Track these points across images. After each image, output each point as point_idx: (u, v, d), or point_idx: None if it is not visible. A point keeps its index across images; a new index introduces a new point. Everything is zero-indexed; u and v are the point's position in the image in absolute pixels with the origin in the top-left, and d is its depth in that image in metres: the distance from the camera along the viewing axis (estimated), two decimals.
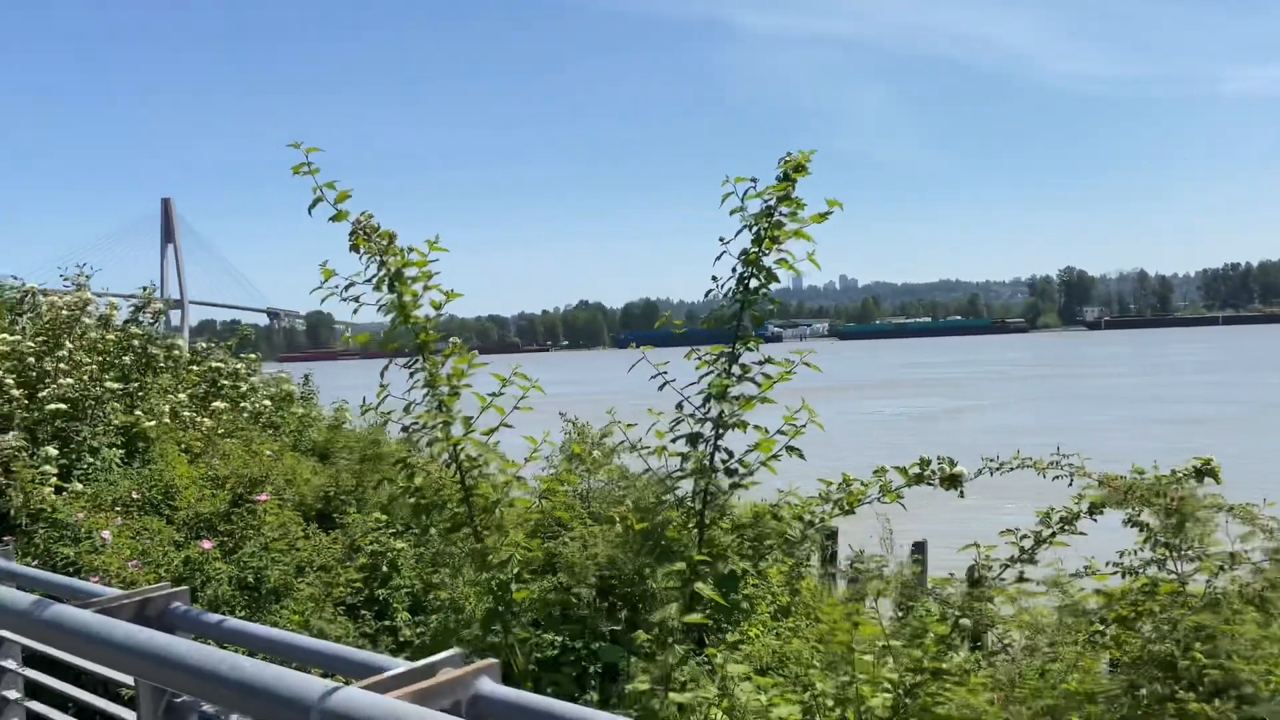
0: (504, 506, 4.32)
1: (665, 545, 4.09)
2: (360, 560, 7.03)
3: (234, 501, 7.93)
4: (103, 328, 12.02)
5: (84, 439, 10.76)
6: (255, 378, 14.04)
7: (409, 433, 4.53)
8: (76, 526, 7.17)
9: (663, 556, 4.01)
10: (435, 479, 4.47)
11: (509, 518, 4.39)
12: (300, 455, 11.79)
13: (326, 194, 4.60)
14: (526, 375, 4.64)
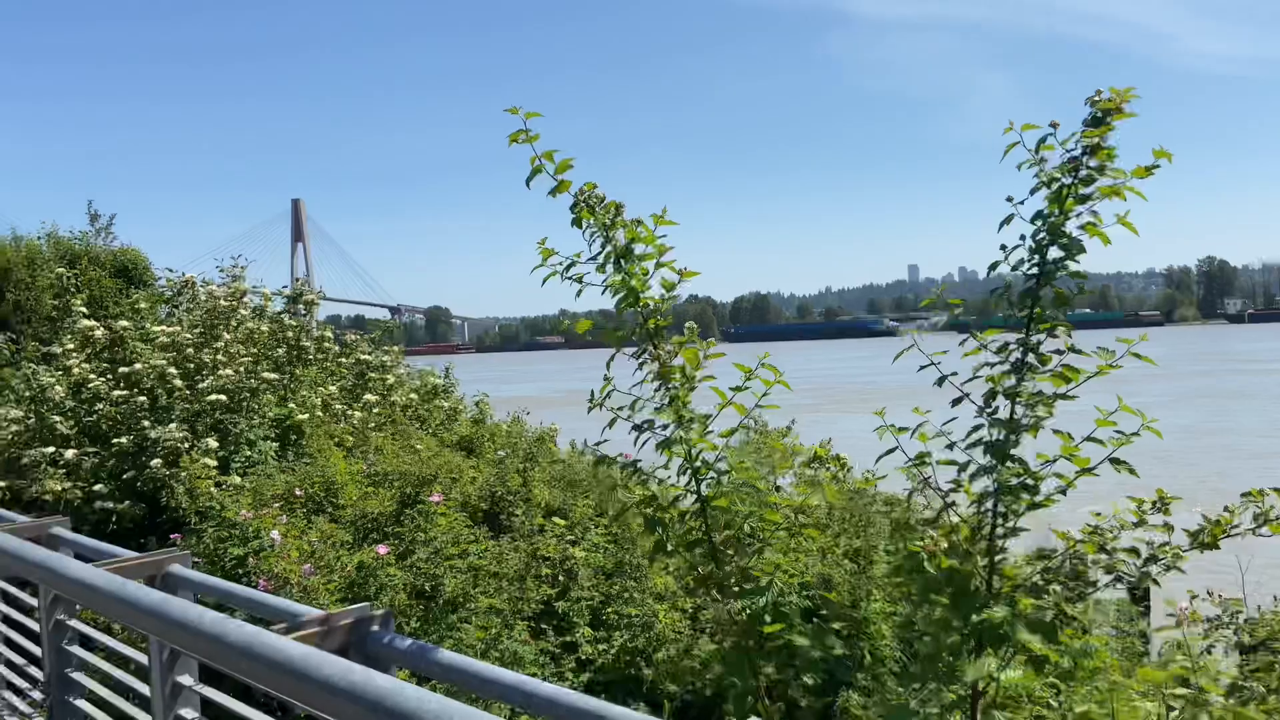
0: (753, 522, 3.60)
1: (959, 584, 3.30)
2: (544, 570, 6.47)
3: (403, 502, 7.50)
4: (258, 319, 11.98)
5: (240, 431, 10.66)
6: (402, 370, 13.87)
7: (639, 433, 3.84)
8: (244, 525, 6.86)
9: (961, 599, 3.22)
10: (669, 488, 3.77)
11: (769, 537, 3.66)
12: (449, 451, 11.45)
13: (546, 164, 3.97)
14: (774, 367, 3.88)
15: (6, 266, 18.26)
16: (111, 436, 10.52)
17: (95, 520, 9.87)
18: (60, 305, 15.78)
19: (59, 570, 4.73)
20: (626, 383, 3.96)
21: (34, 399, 11.06)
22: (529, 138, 3.88)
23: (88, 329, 11.26)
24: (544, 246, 4.03)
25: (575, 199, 3.92)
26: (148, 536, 10.41)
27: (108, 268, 17.94)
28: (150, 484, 9.85)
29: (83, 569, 4.62)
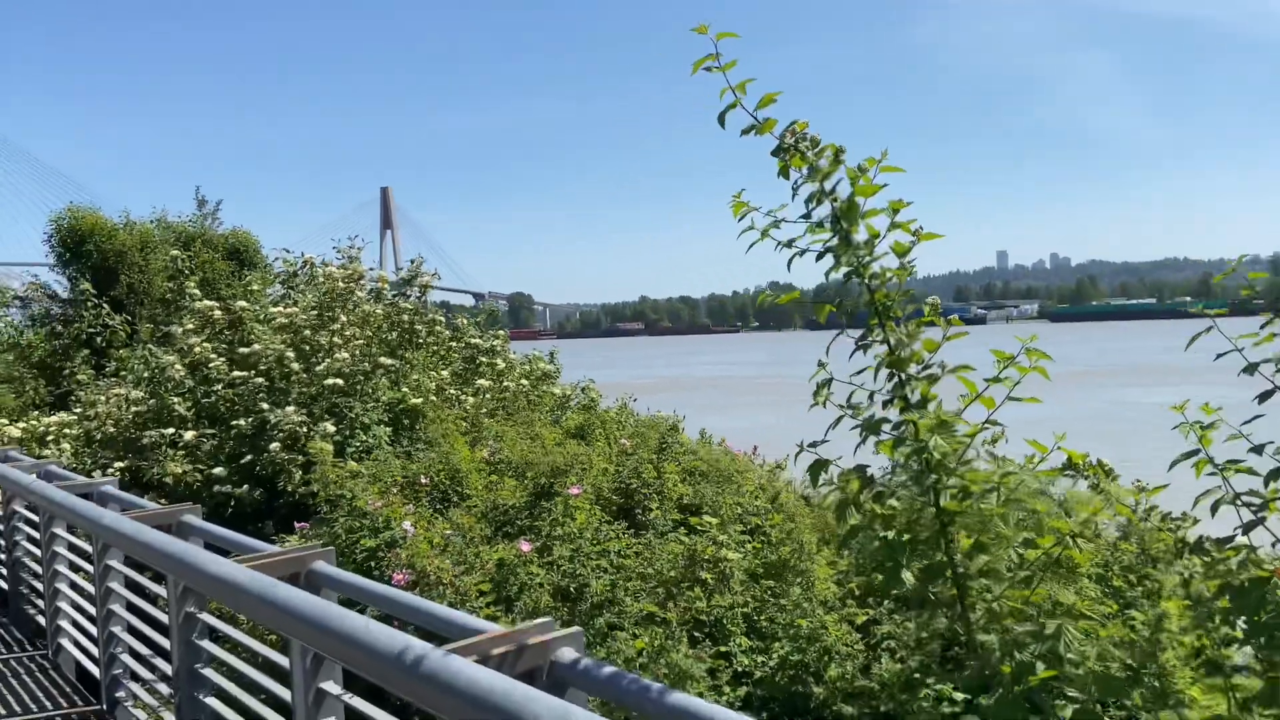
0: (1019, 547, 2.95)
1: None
2: (706, 575, 5.91)
3: (536, 493, 7.05)
4: (373, 301, 11.76)
5: (356, 415, 10.43)
6: (513, 355, 13.54)
7: (866, 432, 3.22)
8: (374, 516, 6.51)
9: None
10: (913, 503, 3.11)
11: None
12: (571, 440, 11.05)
13: (742, 98, 3.33)
14: (1040, 351, 3.19)
15: (120, 250, 18.62)
16: (229, 419, 10.42)
17: (214, 504, 9.77)
18: (174, 287, 15.97)
19: (198, 566, 4.41)
20: (806, 368, 3.35)
21: (153, 379, 11.07)
22: (721, 66, 3.27)
23: (206, 310, 11.20)
24: (738, 200, 3.42)
25: (780, 142, 3.31)
26: (264, 521, 10.29)
27: (220, 250, 18.13)
28: (269, 468, 9.69)
29: (223, 565, 4.28)
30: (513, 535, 6.45)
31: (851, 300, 3.30)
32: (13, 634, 8.73)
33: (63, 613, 8.14)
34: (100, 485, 7.19)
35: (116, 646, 6.97)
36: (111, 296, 17.89)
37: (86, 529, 6.38)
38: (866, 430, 3.20)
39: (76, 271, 18.32)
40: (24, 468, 8.57)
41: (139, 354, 12.54)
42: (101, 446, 10.58)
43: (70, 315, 18.41)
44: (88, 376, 15.37)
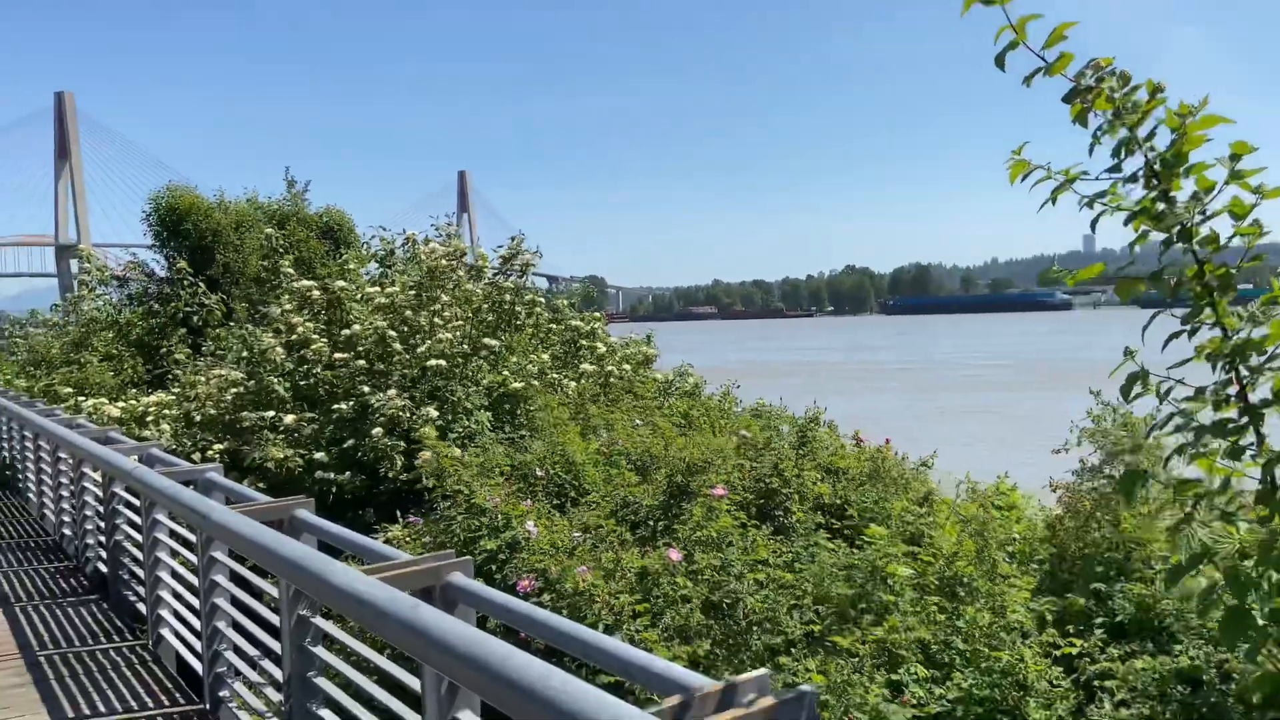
0: None
1: None
2: (886, 595, 5.15)
3: (672, 493, 6.38)
4: (474, 279, 11.27)
5: (458, 399, 9.95)
6: (613, 339, 12.96)
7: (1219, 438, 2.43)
8: (494, 514, 5.95)
9: None
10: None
11: None
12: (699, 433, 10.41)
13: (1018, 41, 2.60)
14: None
15: (216, 229, 18.62)
16: (329, 402, 10.06)
17: (315, 490, 9.41)
18: (269, 266, 15.82)
19: (322, 576, 3.87)
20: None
21: (251, 360, 10.79)
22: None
23: (305, 289, 10.85)
24: (1017, 159, 2.70)
25: (1077, 81, 2.58)
26: (365, 508, 9.92)
27: (314, 228, 17.96)
28: (371, 454, 9.28)
29: (351, 578, 3.73)
30: (647, 539, 5.80)
31: (1173, 269, 2.54)
32: (113, 621, 8.50)
33: (163, 602, 7.84)
34: (204, 472, 6.80)
35: (221, 643, 6.58)
36: (207, 276, 17.89)
37: (192, 522, 5.97)
38: (1203, 435, 2.43)
39: (174, 250, 18.38)
40: (125, 450, 8.29)
41: (236, 334, 12.32)
42: (202, 428, 10.34)
43: (167, 294, 18.50)
44: (185, 356, 15.33)
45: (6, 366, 21.13)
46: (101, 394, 15.14)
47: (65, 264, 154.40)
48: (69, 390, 14.13)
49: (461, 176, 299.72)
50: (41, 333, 19.91)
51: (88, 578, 9.69)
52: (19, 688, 6.61)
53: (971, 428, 31.56)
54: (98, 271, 18.98)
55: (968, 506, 5.99)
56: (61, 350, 17.69)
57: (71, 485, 10.80)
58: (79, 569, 10.01)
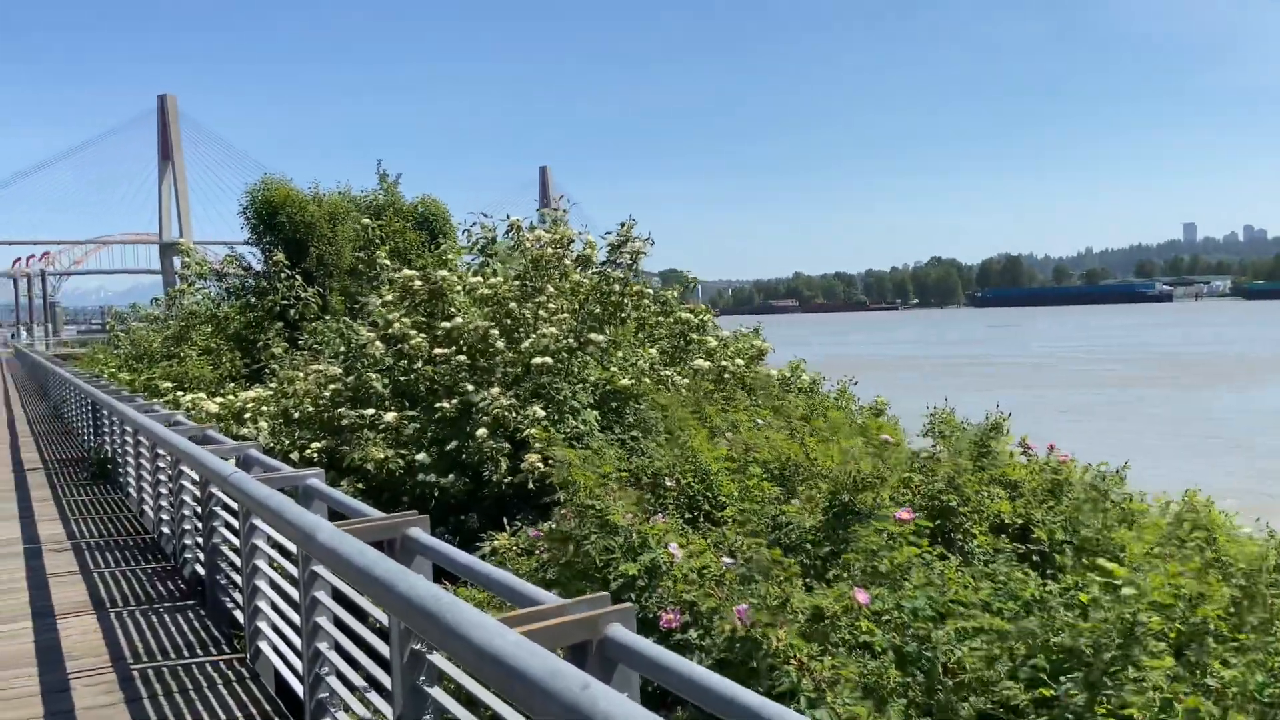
0: None
1: None
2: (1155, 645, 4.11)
3: (836, 511, 5.45)
4: (581, 269, 10.57)
5: (564, 397, 9.27)
6: (725, 333, 12.14)
7: None
8: (629, 530, 5.18)
9: None
10: None
11: None
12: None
13: None
14: None
15: (310, 221, 18.45)
16: (430, 400, 9.50)
17: (417, 494, 8.87)
18: (365, 258, 15.47)
19: (448, 624, 3.14)
20: None
21: (349, 355, 10.33)
22: None
23: (407, 280, 10.31)
24: None
25: None
26: (468, 513, 9.34)
27: (410, 219, 17.60)
28: (475, 455, 8.68)
29: (486, 630, 3.00)
30: (808, 568, 4.93)
31: None
32: (210, 630, 8.09)
33: (261, 614, 7.34)
34: (305, 478, 6.22)
35: (323, 666, 5.99)
36: (302, 269, 17.72)
37: (295, 539, 5.39)
38: None
39: (270, 244, 18.29)
40: (223, 451, 7.85)
41: (334, 327, 11.92)
42: (299, 426, 9.90)
43: (263, 288, 18.42)
44: (282, 350, 15.13)
45: (110, 359, 21.49)
46: (200, 388, 15.03)
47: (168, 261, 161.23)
48: (169, 385, 14.01)
49: (543, 172, 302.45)
50: (143, 326, 20.11)
51: (185, 581, 9.35)
52: (109, 706, 6.15)
53: (1100, 426, 29.51)
54: (197, 266, 19.02)
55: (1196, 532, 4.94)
56: (162, 344, 17.75)
57: (170, 483, 10.52)
58: (177, 570, 9.70)
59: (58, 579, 9.00)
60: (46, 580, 8.99)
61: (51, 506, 11.69)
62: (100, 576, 9.21)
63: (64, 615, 7.92)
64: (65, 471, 13.76)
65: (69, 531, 10.61)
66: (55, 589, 8.70)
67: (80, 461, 14.33)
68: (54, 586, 8.76)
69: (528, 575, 5.76)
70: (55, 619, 7.80)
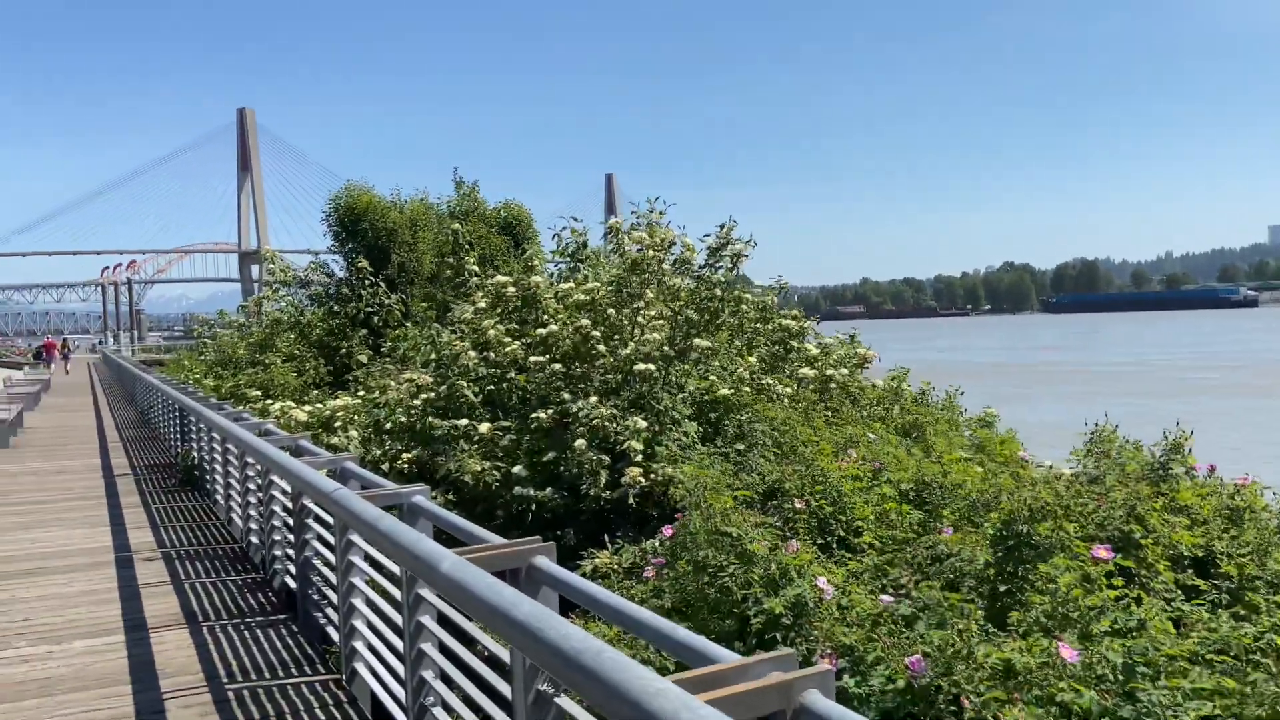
0: None
1: None
2: None
3: (1010, 544, 4.82)
4: (681, 273, 10.10)
5: (665, 407, 8.79)
6: (829, 339, 11.54)
7: None
8: (767, 560, 4.65)
9: None
10: None
11: None
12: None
13: None
14: None
15: (391, 228, 18.39)
16: (522, 409, 9.12)
17: (516, 511, 8.48)
18: (454, 263, 15.24)
19: (613, 684, 2.70)
20: None
21: (440, 363, 10.02)
22: None
23: (500, 285, 9.98)
24: None
25: None
26: (564, 529, 8.93)
27: (493, 224, 17.39)
28: (575, 468, 8.25)
29: (668, 695, 2.57)
30: (995, 612, 4.29)
31: None
32: (303, 648, 7.82)
33: (358, 633, 7.00)
34: (410, 495, 5.86)
35: (428, 696, 5.59)
36: (384, 275, 17.65)
37: (406, 565, 5.01)
38: None
39: (352, 250, 18.28)
40: (319, 464, 7.59)
41: (424, 334, 11.66)
42: (391, 437, 9.62)
43: (345, 294, 18.41)
44: (366, 357, 15.02)
45: (196, 366, 21.77)
46: (285, 395, 14.98)
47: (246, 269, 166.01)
48: (256, 393, 13.96)
49: (609, 179, 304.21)
50: (228, 333, 20.29)
51: (275, 593, 9.14)
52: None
53: (1238, 437, 27.41)
54: (281, 273, 19.10)
55: None
56: (247, 351, 17.82)
57: (259, 493, 10.36)
58: (267, 582, 9.50)
59: (149, 590, 8.84)
60: (138, 591, 8.84)
61: (141, 514, 11.65)
62: (191, 588, 9.04)
63: (156, 629, 7.72)
64: (153, 478, 13.79)
65: (158, 540, 10.51)
66: (147, 601, 8.53)
67: (168, 468, 14.38)
68: (146, 598, 8.59)
69: (641, 601, 5.30)
70: (148, 632, 7.60)
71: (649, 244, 9.51)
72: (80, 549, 9.85)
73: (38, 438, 19.54)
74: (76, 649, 7.04)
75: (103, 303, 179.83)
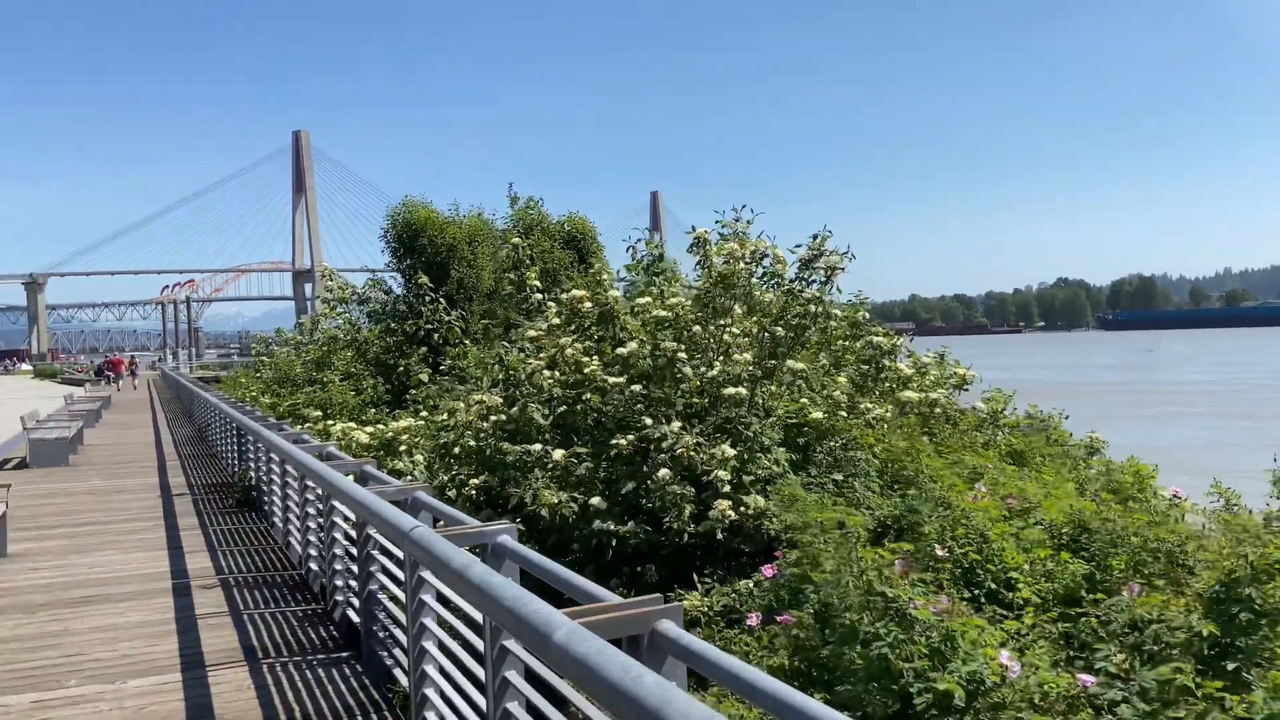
0: None
1: None
2: None
3: (1233, 610, 4.02)
4: (771, 287, 9.40)
5: (755, 433, 8.10)
6: (925, 358, 10.76)
7: None
8: (928, 628, 3.91)
9: None
10: None
11: None
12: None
13: None
14: None
15: (450, 244, 17.98)
16: (598, 434, 8.48)
17: (593, 544, 7.82)
18: (514, 279, 14.74)
19: None
20: None
21: (509, 383, 9.42)
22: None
23: (576, 300, 9.38)
24: None
25: None
26: (645, 564, 8.25)
27: (556, 238, 16.87)
28: (657, 499, 7.58)
29: None
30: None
31: None
32: (367, 690, 7.24)
33: (430, 681, 6.37)
34: (495, 535, 5.22)
35: None
36: (443, 292, 17.24)
37: (494, 617, 4.37)
38: None
39: (410, 267, 17.90)
40: (388, 494, 7.00)
41: (490, 352, 11.12)
42: (459, 461, 9.05)
43: (403, 311, 18.04)
44: (427, 376, 14.56)
45: (253, 384, 21.59)
46: (344, 414, 14.57)
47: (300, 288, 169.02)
48: (317, 413, 13.53)
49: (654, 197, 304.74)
50: (285, 351, 20.04)
51: (336, 626, 8.62)
52: None
53: None
54: (339, 289, 18.79)
55: None
56: (304, 369, 17.49)
57: (320, 518, 9.89)
58: (328, 615, 8.98)
59: (206, 621, 8.34)
60: (196, 622, 8.35)
61: (198, 536, 11.26)
62: (250, 619, 8.52)
63: (215, 666, 7.20)
64: (210, 498, 13.46)
65: (216, 565, 10.06)
66: (204, 633, 8.02)
67: (225, 487, 14.05)
68: (203, 630, 8.09)
69: (770, 670, 4.60)
70: (206, 670, 7.09)
71: (739, 255, 8.81)
72: (137, 574, 9.43)
73: (98, 455, 19.46)
74: (130, 690, 6.54)
75: (162, 321, 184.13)
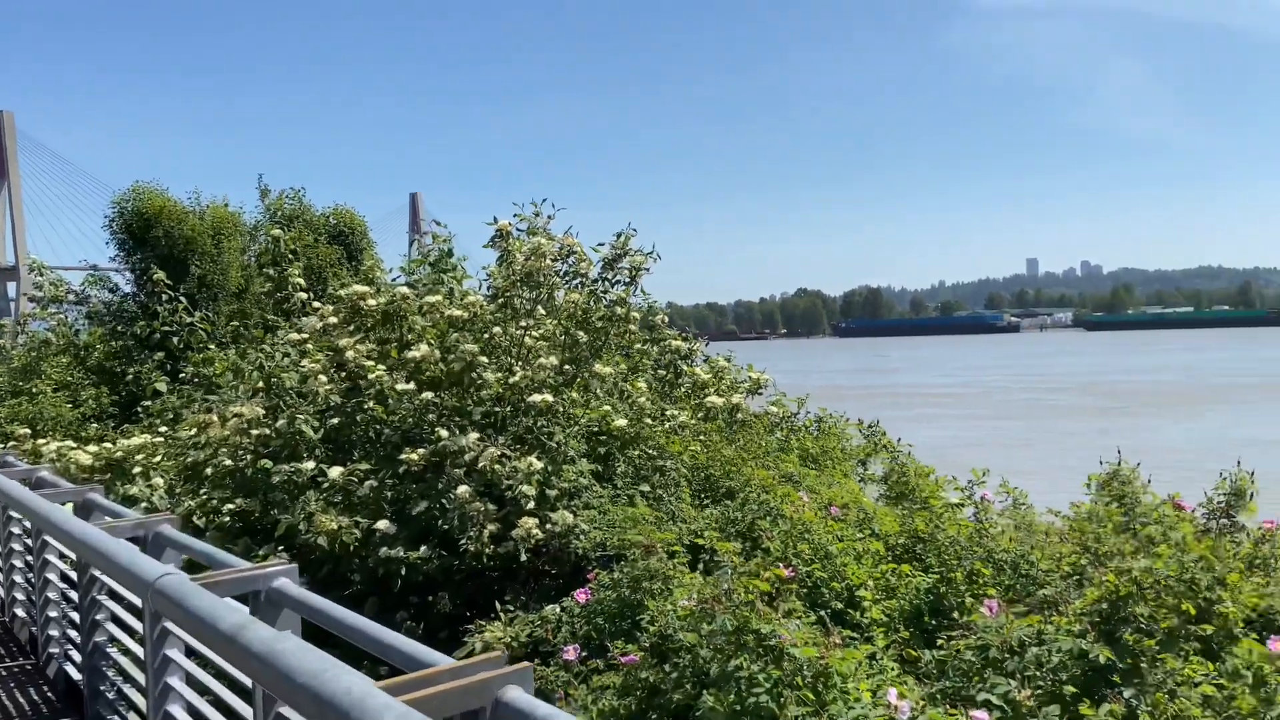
0: None
1: None
2: None
3: (1119, 632, 3.70)
4: (576, 287, 8.74)
5: (558, 444, 7.46)
6: (722, 361, 10.54)
7: None
8: (803, 666, 3.41)
9: None
10: None
11: None
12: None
13: None
14: None
15: (190, 237, 15.90)
16: (381, 448, 7.47)
17: (380, 575, 6.81)
18: (275, 276, 13.11)
19: None
20: None
21: (271, 391, 8.14)
22: None
23: (357, 296, 8.25)
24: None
25: None
26: (437, 594, 7.32)
27: (322, 232, 15.24)
28: (457, 520, 6.72)
29: None
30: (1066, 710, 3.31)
31: None
32: None
33: None
34: (270, 579, 4.19)
35: None
36: (183, 291, 15.17)
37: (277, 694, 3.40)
38: None
39: (142, 261, 15.61)
40: (124, 530, 5.61)
41: (248, 358, 9.69)
42: (211, 484, 7.67)
43: (133, 312, 15.74)
44: (164, 386, 12.65)
45: None
46: (59, 430, 12.39)
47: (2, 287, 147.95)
48: (24, 430, 11.31)
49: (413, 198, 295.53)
50: None
51: (52, 685, 7.09)
52: None
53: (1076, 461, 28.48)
54: (51, 286, 16.06)
55: None
56: (10, 379, 14.77)
57: (28, 555, 8.20)
58: (39, 671, 7.41)
59: None
60: None
61: None
62: None
63: None
64: None
65: None
66: None
67: None
68: None
69: (600, 714, 3.96)
70: None
71: (548, 251, 8.13)
72: None
73: None
74: None
75: None
